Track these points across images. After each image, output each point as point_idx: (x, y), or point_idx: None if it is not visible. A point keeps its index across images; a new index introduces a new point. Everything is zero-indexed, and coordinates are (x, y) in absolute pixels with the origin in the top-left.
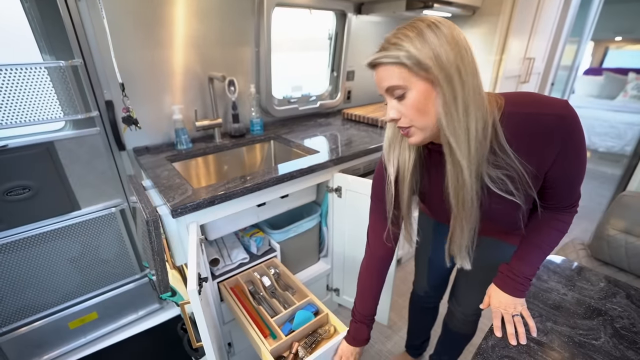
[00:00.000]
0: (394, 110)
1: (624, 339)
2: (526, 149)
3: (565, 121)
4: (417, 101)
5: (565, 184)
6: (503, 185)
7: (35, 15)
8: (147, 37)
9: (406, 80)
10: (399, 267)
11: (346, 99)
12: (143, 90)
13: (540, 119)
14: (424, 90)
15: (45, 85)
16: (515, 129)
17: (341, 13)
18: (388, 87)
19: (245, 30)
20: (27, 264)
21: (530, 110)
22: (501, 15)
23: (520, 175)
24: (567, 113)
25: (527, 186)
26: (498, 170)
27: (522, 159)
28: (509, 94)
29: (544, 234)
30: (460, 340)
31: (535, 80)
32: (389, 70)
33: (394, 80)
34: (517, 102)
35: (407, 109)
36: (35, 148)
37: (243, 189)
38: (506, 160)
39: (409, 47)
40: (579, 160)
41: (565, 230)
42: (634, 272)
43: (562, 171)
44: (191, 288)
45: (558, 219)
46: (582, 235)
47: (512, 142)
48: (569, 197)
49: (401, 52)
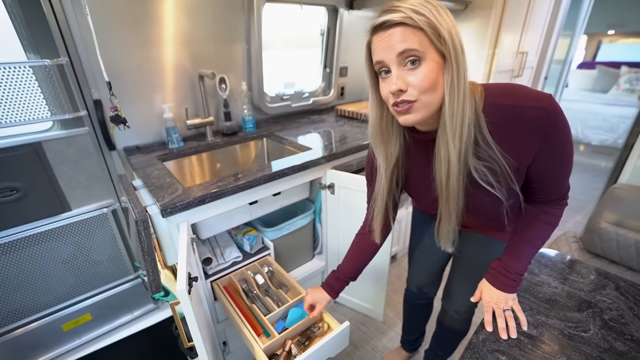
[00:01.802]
0: (401, 81)
1: (612, 330)
2: (507, 141)
3: (548, 115)
4: (430, 72)
5: (551, 178)
6: (484, 176)
7: (18, 14)
8: (135, 35)
9: (424, 47)
10: (394, 263)
11: (339, 95)
12: (132, 89)
13: (522, 112)
14: (437, 62)
15: (31, 84)
16: (496, 120)
17: (333, 8)
18: (405, 49)
19: (235, 26)
20: (18, 267)
21: (513, 102)
22: (493, 9)
23: (502, 167)
24: (550, 106)
25: (509, 179)
26: (480, 161)
27: (503, 151)
28: (489, 85)
29: (535, 228)
30: (454, 336)
31: (528, 74)
32: (409, 32)
33: (414, 43)
34: (499, 93)
35: (419, 79)
36: (22, 149)
37: (234, 187)
38: (488, 152)
39: (430, 16)
40: (564, 154)
41: (556, 223)
42: (625, 263)
43: (546, 165)
44: (180, 288)
45: (548, 213)
46: (575, 228)
47: (494, 134)
48: (556, 191)
49: (424, 18)
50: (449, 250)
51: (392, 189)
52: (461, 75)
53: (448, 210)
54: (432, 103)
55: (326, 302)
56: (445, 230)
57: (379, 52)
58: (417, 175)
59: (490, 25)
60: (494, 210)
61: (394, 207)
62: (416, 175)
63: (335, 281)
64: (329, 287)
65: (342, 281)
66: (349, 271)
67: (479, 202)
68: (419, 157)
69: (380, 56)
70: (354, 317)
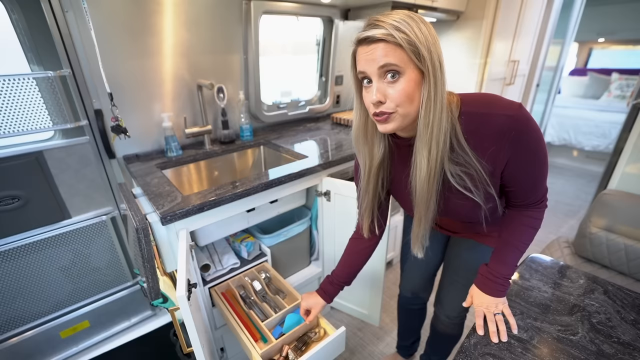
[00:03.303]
0: (380, 93)
1: (600, 333)
2: (481, 147)
3: (516, 122)
4: (409, 86)
5: (525, 183)
6: (462, 181)
7: (23, 27)
8: (135, 47)
9: (404, 63)
10: (390, 269)
11: (335, 103)
12: (132, 99)
13: (492, 119)
14: (415, 77)
15: (34, 95)
16: (470, 128)
17: (328, 19)
18: (385, 64)
19: (233, 38)
20: (18, 274)
21: (484, 110)
22: (485, 20)
23: (478, 172)
24: (519, 114)
25: (485, 183)
26: (457, 167)
27: (479, 157)
28: (465, 95)
29: (517, 232)
30: (447, 341)
31: (520, 82)
32: (390, 48)
33: (394, 59)
34: (473, 102)
35: (397, 93)
36: (24, 158)
37: (232, 195)
38: (464, 158)
39: (411, 34)
40: (535, 160)
41: (538, 225)
42: (615, 268)
43: (518, 170)
44: (180, 294)
45: (529, 216)
46: (569, 233)
47: (469, 140)
48: (533, 195)
49: (404, 35)
50: (419, 256)
51: (378, 190)
52: (438, 88)
53: (419, 214)
54: (409, 114)
55: (321, 307)
56: (415, 233)
57: (362, 64)
58: (399, 178)
59: (482, 35)
60: (473, 214)
61: (381, 207)
62: (399, 178)
63: (329, 286)
64: (323, 291)
65: (336, 285)
66: (342, 275)
67: (458, 207)
68: (400, 161)
69: (363, 67)
70: (351, 323)
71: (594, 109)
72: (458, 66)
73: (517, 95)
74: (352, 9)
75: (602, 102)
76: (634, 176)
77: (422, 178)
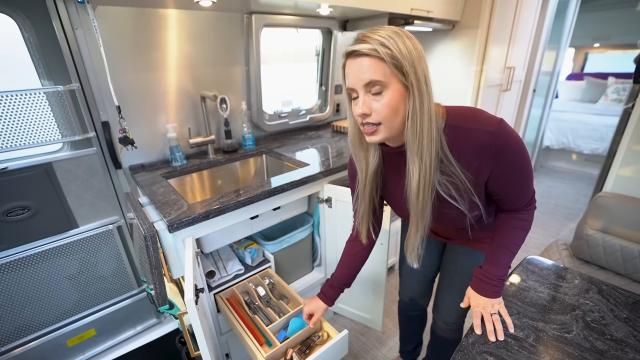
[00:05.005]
0: (366, 106)
1: (594, 331)
2: (464, 159)
3: (496, 137)
4: (393, 100)
5: (510, 192)
6: (448, 190)
7: (35, 44)
8: (141, 61)
9: (387, 78)
10: (392, 274)
11: (335, 111)
12: (138, 111)
13: (473, 134)
14: (400, 91)
15: (44, 109)
16: (455, 141)
17: (327, 30)
18: (370, 80)
19: (235, 50)
20: (26, 283)
21: (466, 125)
22: (480, 28)
23: (462, 182)
24: (498, 130)
25: (470, 193)
26: (444, 176)
27: (463, 168)
28: (451, 108)
29: (508, 234)
30: (447, 346)
31: (517, 87)
32: (374, 63)
33: (378, 74)
34: (457, 115)
35: (382, 106)
36: (34, 169)
37: (236, 203)
38: (450, 168)
39: (395, 51)
40: (518, 171)
41: (528, 227)
42: (612, 269)
43: (502, 181)
44: (188, 298)
45: (518, 219)
46: (569, 235)
47: (453, 152)
48: (520, 201)
49: (389, 51)
50: (415, 266)
51: (373, 195)
52: (424, 102)
53: (416, 222)
54: (394, 126)
55: (322, 310)
56: (412, 242)
57: (349, 78)
58: (392, 184)
59: (477, 43)
60: (460, 222)
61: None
62: (391, 184)
63: (329, 289)
64: (324, 295)
65: (336, 288)
66: (342, 278)
67: (445, 215)
68: (392, 169)
69: (350, 82)
70: (354, 328)
71: (591, 112)
72: (455, 74)
73: (514, 101)
74: (350, 20)
75: (599, 106)
76: (627, 179)
77: (415, 187)
